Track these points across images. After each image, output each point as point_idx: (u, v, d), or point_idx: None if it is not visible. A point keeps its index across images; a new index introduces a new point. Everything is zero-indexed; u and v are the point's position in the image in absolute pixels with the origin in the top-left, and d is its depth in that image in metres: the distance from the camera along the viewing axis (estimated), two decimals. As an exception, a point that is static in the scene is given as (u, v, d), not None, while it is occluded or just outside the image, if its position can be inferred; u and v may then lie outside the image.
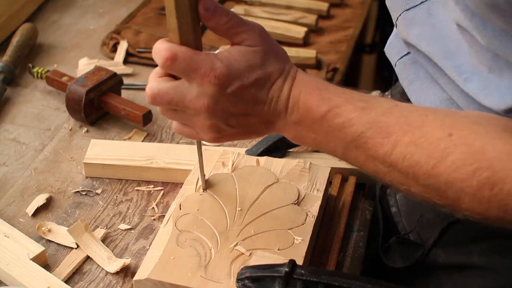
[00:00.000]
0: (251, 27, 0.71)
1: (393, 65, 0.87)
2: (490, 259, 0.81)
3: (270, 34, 0.74)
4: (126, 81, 1.18)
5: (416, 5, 0.78)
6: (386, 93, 1.10)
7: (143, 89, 1.20)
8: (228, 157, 0.93)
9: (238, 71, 0.70)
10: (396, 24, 0.82)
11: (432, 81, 0.79)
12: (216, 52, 0.72)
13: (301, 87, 0.71)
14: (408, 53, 0.84)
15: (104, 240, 0.88)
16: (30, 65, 1.20)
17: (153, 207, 0.94)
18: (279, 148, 1.00)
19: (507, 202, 0.60)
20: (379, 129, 0.67)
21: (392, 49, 0.87)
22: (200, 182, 0.89)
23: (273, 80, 0.72)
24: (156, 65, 1.24)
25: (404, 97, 0.87)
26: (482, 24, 0.66)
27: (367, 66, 1.99)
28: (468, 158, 0.62)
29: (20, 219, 0.92)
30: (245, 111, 0.72)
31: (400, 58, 0.85)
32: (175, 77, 0.73)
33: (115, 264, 0.83)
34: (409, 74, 0.84)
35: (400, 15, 0.80)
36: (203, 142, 1.06)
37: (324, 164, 0.95)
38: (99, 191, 0.97)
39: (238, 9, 1.43)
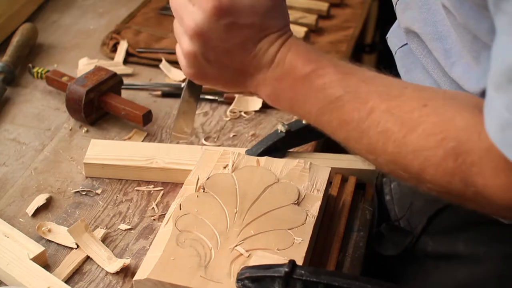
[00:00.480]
0: None
1: (394, 53, 0.88)
2: (475, 248, 0.83)
3: None
4: (126, 81, 1.18)
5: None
6: None
7: (143, 89, 1.20)
8: (228, 157, 0.93)
9: (238, 7, 0.69)
10: (396, 10, 0.83)
11: (426, 71, 0.80)
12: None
13: (291, 47, 0.71)
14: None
15: (104, 240, 0.88)
16: (30, 65, 1.20)
17: (153, 207, 0.94)
18: (279, 148, 1.00)
19: (469, 173, 0.60)
20: (358, 94, 0.67)
21: (394, 38, 0.88)
22: (199, 183, 0.89)
23: (268, 32, 0.71)
24: (155, 65, 1.24)
25: None
26: (459, 2, 0.66)
27: (367, 66, 1.99)
28: (437, 128, 0.62)
29: (20, 219, 0.92)
30: (228, 50, 0.71)
31: (401, 47, 0.86)
32: None
33: (115, 264, 0.83)
34: (407, 63, 0.84)
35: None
36: (204, 142, 1.07)
37: (324, 164, 0.95)
38: (99, 191, 0.97)
39: (238, 9, 1.43)
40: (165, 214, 0.89)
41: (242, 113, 1.14)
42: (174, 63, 1.25)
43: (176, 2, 0.72)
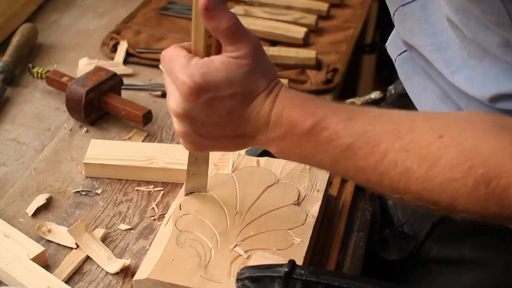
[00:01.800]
0: (249, 40, 0.69)
1: (394, 61, 0.88)
2: (480, 254, 0.82)
3: (268, 33, 0.74)
4: (126, 81, 1.18)
5: (412, 1, 0.78)
6: (390, 87, 1.10)
7: (143, 89, 1.20)
8: (228, 158, 0.93)
9: (213, 82, 0.68)
10: (393, 20, 0.83)
11: (428, 76, 0.80)
12: None
13: (284, 103, 0.69)
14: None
15: (104, 240, 0.88)
16: (30, 65, 1.20)
17: (153, 207, 0.94)
18: (279, 148, 1.00)
19: (504, 197, 0.59)
20: (368, 139, 0.65)
21: (393, 46, 0.88)
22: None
23: (254, 96, 0.69)
24: (155, 65, 1.24)
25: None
26: (466, 18, 0.66)
27: (367, 66, 2.00)
28: (461, 157, 0.60)
29: (20, 219, 0.92)
30: (217, 123, 0.70)
31: (400, 54, 0.86)
32: None
33: (115, 265, 0.83)
34: (407, 69, 0.84)
35: (396, 10, 0.80)
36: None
37: (324, 164, 0.95)
38: (99, 191, 0.97)
39: (238, 9, 1.43)
40: (165, 214, 0.90)
41: (242, 113, 1.14)
42: (174, 63, 1.25)
43: (165, 81, 0.73)
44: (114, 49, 1.31)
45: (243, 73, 0.68)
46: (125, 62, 1.28)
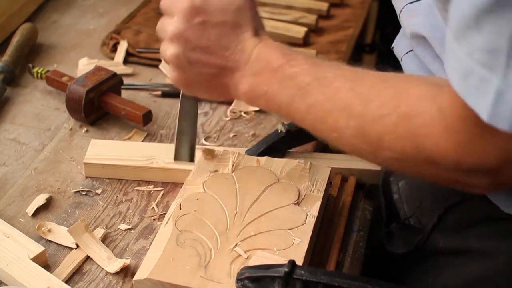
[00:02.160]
0: None
1: (400, 60, 0.90)
2: (486, 243, 0.83)
3: (268, 33, 0.81)
4: (126, 81, 1.18)
5: (411, 50, 0.85)
6: None
7: (143, 89, 1.20)
8: (228, 157, 0.93)
9: (210, 7, 0.78)
10: (400, 18, 0.85)
11: (433, 74, 0.81)
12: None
13: (267, 45, 0.78)
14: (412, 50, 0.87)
15: (104, 240, 0.88)
16: (30, 65, 1.20)
17: (153, 207, 0.94)
18: (279, 148, 1.00)
19: (419, 135, 0.64)
20: (325, 80, 0.72)
21: (399, 46, 0.90)
22: (199, 183, 0.89)
23: (242, 30, 0.78)
24: (155, 65, 1.24)
25: None
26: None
27: (367, 66, 1.99)
28: (393, 98, 0.66)
29: (20, 219, 0.92)
30: (207, 47, 0.78)
31: (406, 53, 0.88)
32: None
33: (115, 264, 0.83)
34: (413, 67, 0.87)
35: (404, 7, 0.83)
36: (204, 142, 1.07)
37: (324, 164, 0.95)
38: (99, 191, 0.97)
39: (238, 9, 1.43)
40: (165, 214, 0.89)
41: (242, 113, 1.14)
42: (174, 63, 1.25)
43: (161, 21, 0.82)
44: (114, 49, 1.31)
45: (237, 7, 0.79)
46: (125, 62, 1.28)
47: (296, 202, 0.86)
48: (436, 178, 0.69)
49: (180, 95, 0.88)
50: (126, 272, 0.84)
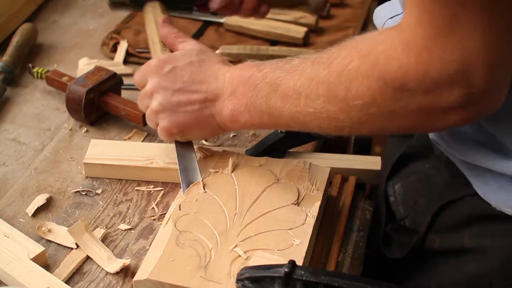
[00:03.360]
0: (192, 40, 0.96)
1: (381, 26, 0.91)
2: (480, 242, 0.84)
3: (268, 33, 0.91)
4: (126, 81, 1.18)
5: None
6: None
7: (143, 89, 1.20)
8: (228, 158, 0.93)
9: (174, 56, 0.91)
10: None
11: None
12: (216, 52, 0.77)
13: (237, 66, 0.86)
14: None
15: (104, 240, 0.88)
16: (30, 65, 1.20)
17: (153, 207, 0.94)
18: (279, 148, 1.00)
19: (380, 64, 0.67)
20: (291, 67, 0.78)
21: (382, 11, 0.92)
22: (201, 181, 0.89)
23: (209, 63, 0.88)
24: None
25: None
26: None
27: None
28: (352, 48, 0.71)
29: (20, 219, 0.92)
30: (183, 87, 0.87)
31: (390, 18, 0.89)
32: None
33: (115, 265, 0.83)
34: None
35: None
36: (204, 142, 1.07)
37: (324, 164, 0.95)
38: (99, 191, 0.97)
39: (238, 9, 1.43)
40: (165, 214, 0.90)
41: (242, 113, 1.14)
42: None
43: (140, 94, 0.94)
44: (114, 49, 1.31)
45: (197, 50, 0.91)
46: (125, 62, 1.28)
47: (295, 202, 0.86)
48: (410, 115, 0.69)
49: (175, 144, 0.94)
50: (126, 272, 0.84)
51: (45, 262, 0.84)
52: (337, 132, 0.77)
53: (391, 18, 0.88)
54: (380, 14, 0.91)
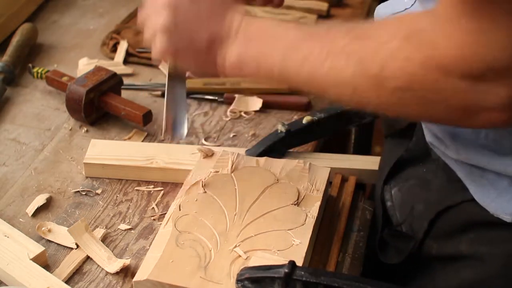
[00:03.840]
0: None
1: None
2: (477, 248, 0.83)
3: None
4: (126, 81, 1.18)
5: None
6: None
7: (143, 89, 1.20)
8: (228, 158, 0.93)
9: None
10: None
11: None
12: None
13: (259, 18, 0.81)
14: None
15: (104, 240, 0.88)
16: (30, 65, 1.20)
17: (153, 207, 0.94)
18: (279, 148, 1.00)
19: (423, 47, 0.63)
20: (317, 33, 0.73)
21: (385, 8, 0.91)
22: (199, 183, 0.89)
23: (231, 3, 0.80)
24: (155, 65, 1.24)
25: None
26: None
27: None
28: (391, 27, 0.67)
29: (20, 219, 0.92)
30: (198, 15, 0.79)
31: (394, 14, 0.88)
32: None
33: (115, 265, 0.83)
34: None
35: None
36: (204, 142, 1.07)
37: (324, 164, 0.95)
38: (99, 191, 0.97)
39: (238, 9, 1.43)
40: (165, 214, 0.89)
41: (242, 113, 1.14)
42: (174, 63, 1.25)
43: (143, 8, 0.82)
44: (114, 49, 1.31)
45: None
46: (125, 62, 1.28)
47: (295, 203, 0.86)
48: (447, 108, 0.65)
49: (167, 75, 0.88)
50: (126, 272, 0.84)
51: (45, 262, 0.84)
52: (358, 105, 0.74)
53: (395, 14, 0.88)
54: (383, 12, 0.90)
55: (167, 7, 0.79)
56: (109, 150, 1.01)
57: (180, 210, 0.85)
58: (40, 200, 0.94)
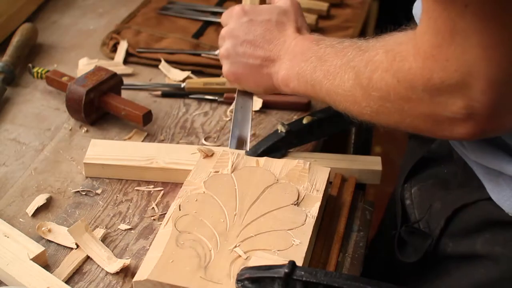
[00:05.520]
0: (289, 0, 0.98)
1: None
2: (492, 249, 0.83)
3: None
4: (126, 81, 1.18)
5: None
6: None
7: (143, 89, 1.20)
8: (228, 158, 0.93)
9: (257, 9, 0.96)
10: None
11: None
12: (215, 52, 0.79)
13: (305, 36, 0.92)
14: None
15: (104, 240, 0.88)
16: (30, 65, 1.20)
17: (153, 207, 0.94)
18: (279, 148, 1.00)
19: (396, 61, 0.70)
20: (340, 47, 0.83)
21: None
22: (199, 183, 0.88)
23: (284, 27, 0.93)
24: (155, 65, 1.25)
25: None
26: None
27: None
28: (382, 43, 0.75)
29: (20, 219, 0.92)
30: (253, 41, 0.93)
31: None
32: None
33: (115, 265, 0.83)
34: None
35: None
36: (204, 142, 1.07)
37: (324, 164, 0.95)
38: (99, 191, 0.97)
39: (238, 9, 1.43)
40: (165, 214, 0.90)
41: (242, 113, 1.14)
42: (174, 63, 1.25)
43: (223, 24, 0.99)
44: (114, 49, 1.31)
45: (281, 10, 0.96)
46: (125, 62, 1.28)
47: (295, 203, 0.86)
48: (419, 118, 0.71)
49: (236, 92, 1.02)
50: (126, 272, 0.84)
51: (45, 262, 0.84)
52: (360, 117, 0.80)
53: None
54: (418, 6, 0.90)
55: (227, 36, 0.95)
56: (109, 150, 1.01)
57: (180, 210, 0.85)
58: (40, 200, 0.94)
